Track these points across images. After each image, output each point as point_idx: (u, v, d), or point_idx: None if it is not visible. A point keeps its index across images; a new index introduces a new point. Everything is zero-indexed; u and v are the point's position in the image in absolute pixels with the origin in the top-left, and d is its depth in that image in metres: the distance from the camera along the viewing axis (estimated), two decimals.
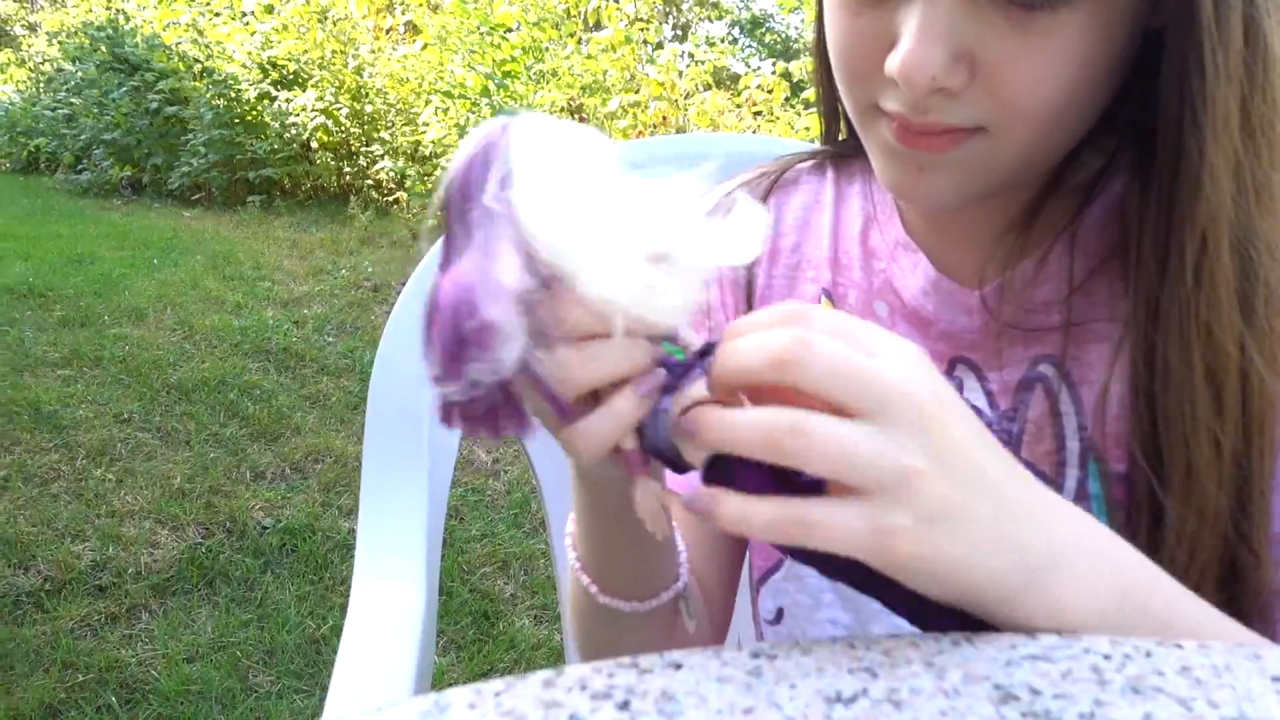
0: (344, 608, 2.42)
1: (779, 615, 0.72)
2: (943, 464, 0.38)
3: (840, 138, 0.75)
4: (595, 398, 0.44)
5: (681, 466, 0.45)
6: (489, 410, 0.43)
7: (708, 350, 0.44)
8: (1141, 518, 0.55)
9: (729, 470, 0.41)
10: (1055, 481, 0.61)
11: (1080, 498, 0.60)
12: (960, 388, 0.65)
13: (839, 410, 0.38)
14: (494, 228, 0.42)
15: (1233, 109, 0.50)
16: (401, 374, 1.04)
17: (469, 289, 0.40)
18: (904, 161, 0.56)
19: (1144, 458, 0.55)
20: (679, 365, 0.44)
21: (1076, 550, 0.41)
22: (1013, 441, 0.63)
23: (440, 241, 0.44)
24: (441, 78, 5.88)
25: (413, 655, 0.85)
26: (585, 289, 0.41)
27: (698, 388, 0.43)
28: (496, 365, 0.40)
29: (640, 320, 0.42)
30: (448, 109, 5.72)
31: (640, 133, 5.59)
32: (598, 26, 6.30)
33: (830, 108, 0.73)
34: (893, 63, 0.51)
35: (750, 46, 21.57)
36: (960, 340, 0.65)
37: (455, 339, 0.41)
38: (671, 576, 0.64)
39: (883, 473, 0.37)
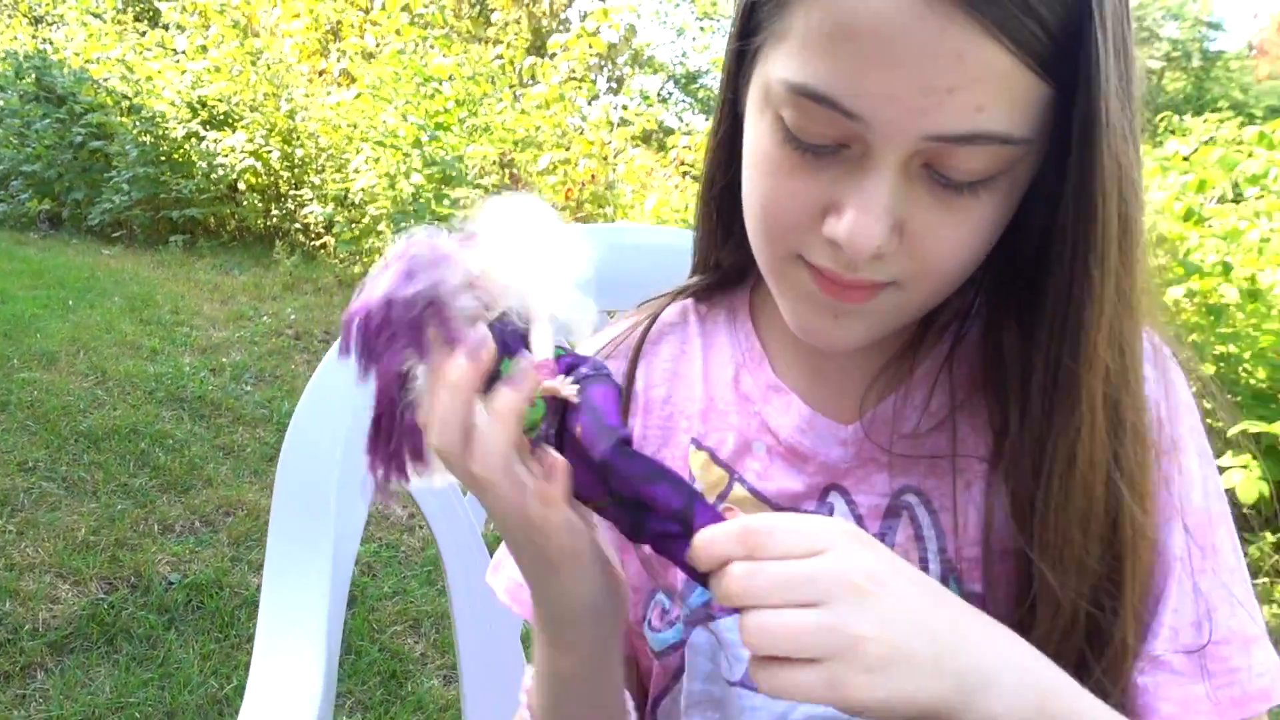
0: (249, 666, 2.38)
1: None
2: (884, 625, 0.48)
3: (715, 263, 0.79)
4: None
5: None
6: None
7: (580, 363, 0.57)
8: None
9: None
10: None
11: None
12: (831, 512, 0.70)
13: None
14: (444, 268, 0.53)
15: (1110, 277, 0.56)
16: (315, 440, 1.07)
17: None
18: (822, 309, 0.62)
19: (1015, 577, 0.62)
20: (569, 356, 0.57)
21: (1005, 668, 0.51)
22: None
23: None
24: (374, 126, 5.89)
25: None
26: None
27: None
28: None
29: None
30: (379, 158, 5.73)
31: (569, 191, 5.67)
32: (533, 80, 6.39)
33: (710, 235, 0.77)
34: (837, 229, 0.56)
35: (684, 101, 21.98)
36: (835, 470, 0.71)
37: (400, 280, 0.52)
38: None
39: (830, 646, 0.48)
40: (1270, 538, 3.62)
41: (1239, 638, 0.62)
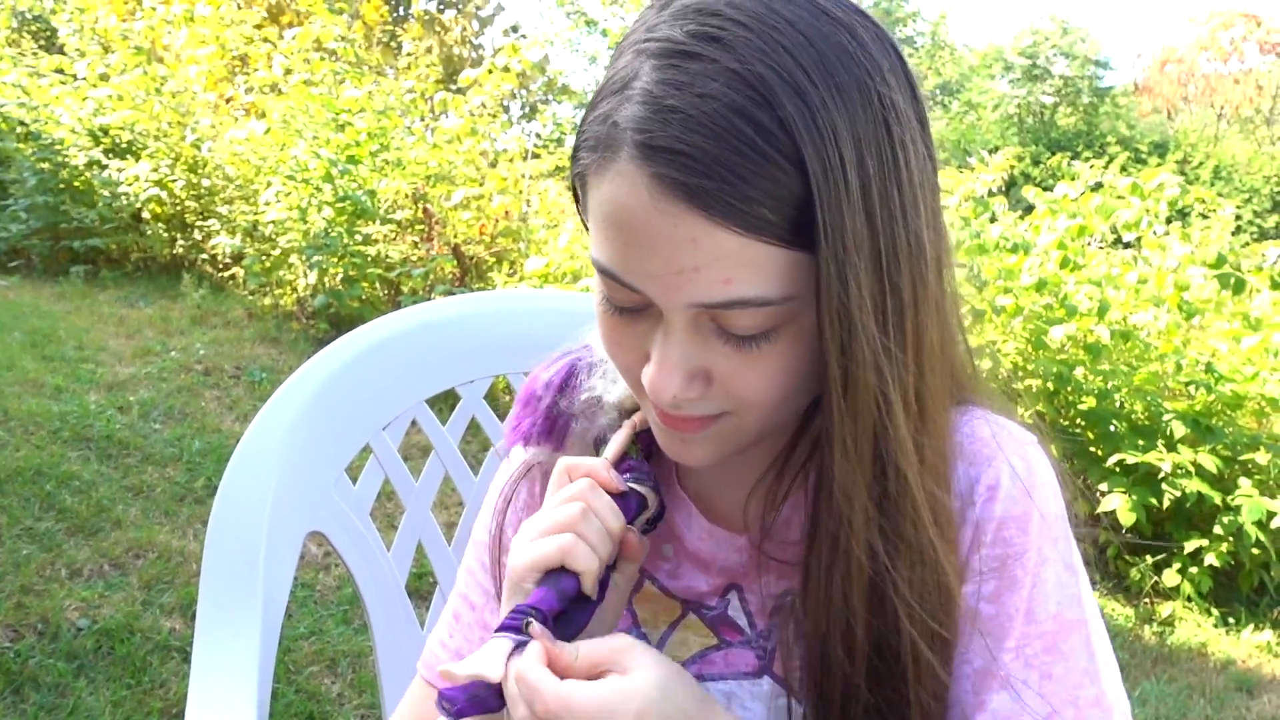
0: (163, 712, 2.38)
1: None
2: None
3: None
4: None
5: None
6: None
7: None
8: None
9: None
10: (800, 692, 0.75)
11: None
12: (727, 608, 0.80)
13: None
14: None
15: (841, 422, 0.63)
16: (245, 500, 1.10)
17: None
18: (670, 434, 0.70)
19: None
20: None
21: None
22: (767, 656, 0.78)
23: None
24: (283, 161, 5.85)
25: None
26: None
27: None
28: None
29: None
30: (290, 191, 5.69)
31: (483, 226, 5.72)
32: (445, 113, 6.41)
33: None
34: (644, 378, 0.65)
35: None
36: (734, 572, 0.80)
37: None
38: None
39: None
40: (1149, 560, 3.86)
41: None
